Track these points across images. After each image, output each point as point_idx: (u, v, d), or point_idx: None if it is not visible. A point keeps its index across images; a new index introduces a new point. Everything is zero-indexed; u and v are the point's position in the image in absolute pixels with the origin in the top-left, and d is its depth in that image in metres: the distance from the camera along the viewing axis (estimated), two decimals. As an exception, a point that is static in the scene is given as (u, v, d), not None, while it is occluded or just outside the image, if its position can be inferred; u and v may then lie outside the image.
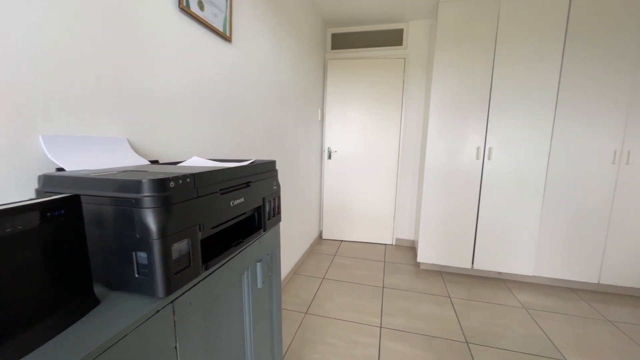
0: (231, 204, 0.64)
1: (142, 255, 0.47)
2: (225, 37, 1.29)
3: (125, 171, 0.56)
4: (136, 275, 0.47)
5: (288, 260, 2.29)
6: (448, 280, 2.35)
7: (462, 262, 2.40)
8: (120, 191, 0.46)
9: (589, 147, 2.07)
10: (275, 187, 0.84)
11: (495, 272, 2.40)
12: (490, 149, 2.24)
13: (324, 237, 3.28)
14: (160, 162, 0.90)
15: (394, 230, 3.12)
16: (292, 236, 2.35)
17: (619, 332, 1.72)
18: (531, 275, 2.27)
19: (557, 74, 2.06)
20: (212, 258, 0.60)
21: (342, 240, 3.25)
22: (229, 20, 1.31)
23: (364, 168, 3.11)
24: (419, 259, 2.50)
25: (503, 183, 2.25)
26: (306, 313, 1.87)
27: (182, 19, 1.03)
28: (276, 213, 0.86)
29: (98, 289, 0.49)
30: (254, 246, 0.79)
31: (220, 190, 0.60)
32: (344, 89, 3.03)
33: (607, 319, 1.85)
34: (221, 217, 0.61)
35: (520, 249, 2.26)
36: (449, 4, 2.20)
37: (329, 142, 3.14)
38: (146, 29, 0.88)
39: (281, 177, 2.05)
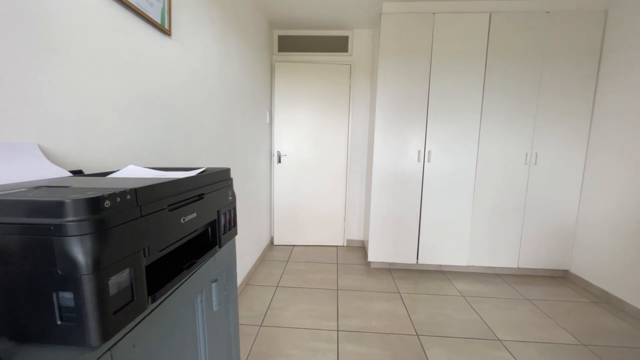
0: (182, 221, 0.55)
1: (67, 295, 0.37)
2: (164, 29, 1.16)
3: (38, 187, 0.44)
4: (58, 322, 0.37)
5: (239, 270, 2.16)
6: (397, 277, 2.47)
7: (408, 258, 2.56)
8: (33, 215, 0.36)
9: (507, 150, 2.39)
10: (230, 198, 0.76)
11: (436, 265, 2.61)
12: (429, 152, 2.44)
13: (275, 243, 3.20)
14: (86, 172, 0.75)
15: (344, 232, 3.19)
16: (243, 245, 2.22)
17: (536, 308, 2.01)
18: (466, 265, 2.53)
19: (481, 86, 2.34)
20: (160, 287, 0.51)
21: (294, 245, 3.20)
22: (167, 10, 1.17)
23: (314, 171, 3.12)
24: (369, 258, 2.58)
25: (441, 183, 2.46)
26: (261, 325, 1.78)
27: (110, 5, 0.88)
28: (232, 226, 0.79)
29: (2, 345, 0.37)
30: (209, 265, 0.71)
31: (169, 206, 0.52)
32: (293, 91, 3.00)
33: (526, 298, 2.14)
34: (170, 237, 0.52)
35: (456, 242, 2.50)
36: (390, 16, 2.34)
37: (279, 145, 3.07)
38: (63, 13, 0.73)
39: (230, 184, 1.93)
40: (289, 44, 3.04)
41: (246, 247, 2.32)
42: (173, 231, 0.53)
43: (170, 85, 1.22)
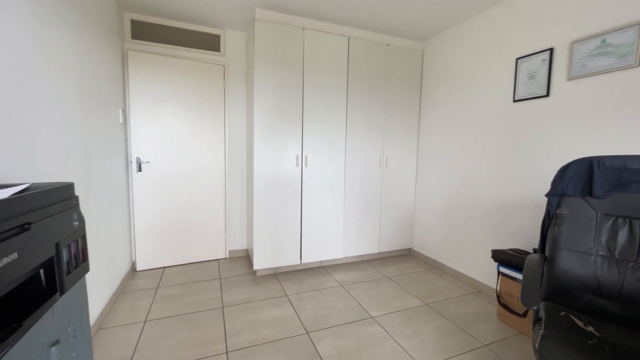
0: (-10, 270, 0.36)
1: None
2: None
3: None
4: None
5: (86, 314, 1.65)
6: (283, 280, 2.51)
7: (292, 259, 2.64)
8: None
9: (366, 156, 2.85)
10: (76, 223, 0.56)
11: (317, 262, 2.81)
12: (306, 157, 2.60)
13: (139, 269, 2.64)
14: None
15: (226, 243, 2.98)
16: (87, 281, 1.71)
17: (394, 284, 2.48)
18: (341, 257, 2.84)
19: (345, 98, 2.69)
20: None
21: (165, 267, 2.74)
22: None
23: (187, 180, 2.77)
24: (255, 267, 2.51)
25: (318, 186, 2.67)
26: (125, 376, 1.42)
27: None
28: (81, 261, 0.58)
29: None
30: (45, 322, 0.49)
31: (-39, 250, 0.32)
32: (156, 88, 2.57)
33: (387, 277, 2.61)
34: (-33, 299, 0.33)
35: (332, 238, 2.77)
36: (264, 23, 2.35)
37: (138, 151, 2.56)
38: None
39: (66, 202, 1.44)
40: (147, 32, 2.59)
41: (92, 283, 1.81)
42: (-28, 289, 0.34)
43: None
